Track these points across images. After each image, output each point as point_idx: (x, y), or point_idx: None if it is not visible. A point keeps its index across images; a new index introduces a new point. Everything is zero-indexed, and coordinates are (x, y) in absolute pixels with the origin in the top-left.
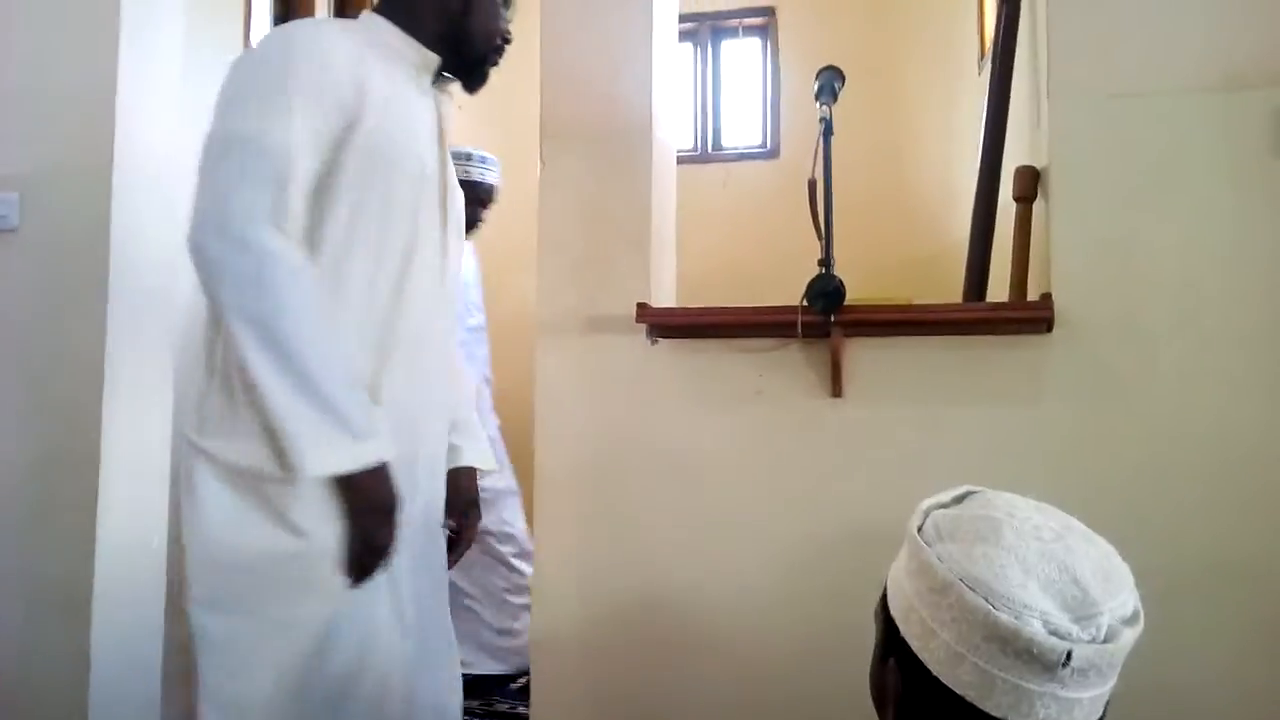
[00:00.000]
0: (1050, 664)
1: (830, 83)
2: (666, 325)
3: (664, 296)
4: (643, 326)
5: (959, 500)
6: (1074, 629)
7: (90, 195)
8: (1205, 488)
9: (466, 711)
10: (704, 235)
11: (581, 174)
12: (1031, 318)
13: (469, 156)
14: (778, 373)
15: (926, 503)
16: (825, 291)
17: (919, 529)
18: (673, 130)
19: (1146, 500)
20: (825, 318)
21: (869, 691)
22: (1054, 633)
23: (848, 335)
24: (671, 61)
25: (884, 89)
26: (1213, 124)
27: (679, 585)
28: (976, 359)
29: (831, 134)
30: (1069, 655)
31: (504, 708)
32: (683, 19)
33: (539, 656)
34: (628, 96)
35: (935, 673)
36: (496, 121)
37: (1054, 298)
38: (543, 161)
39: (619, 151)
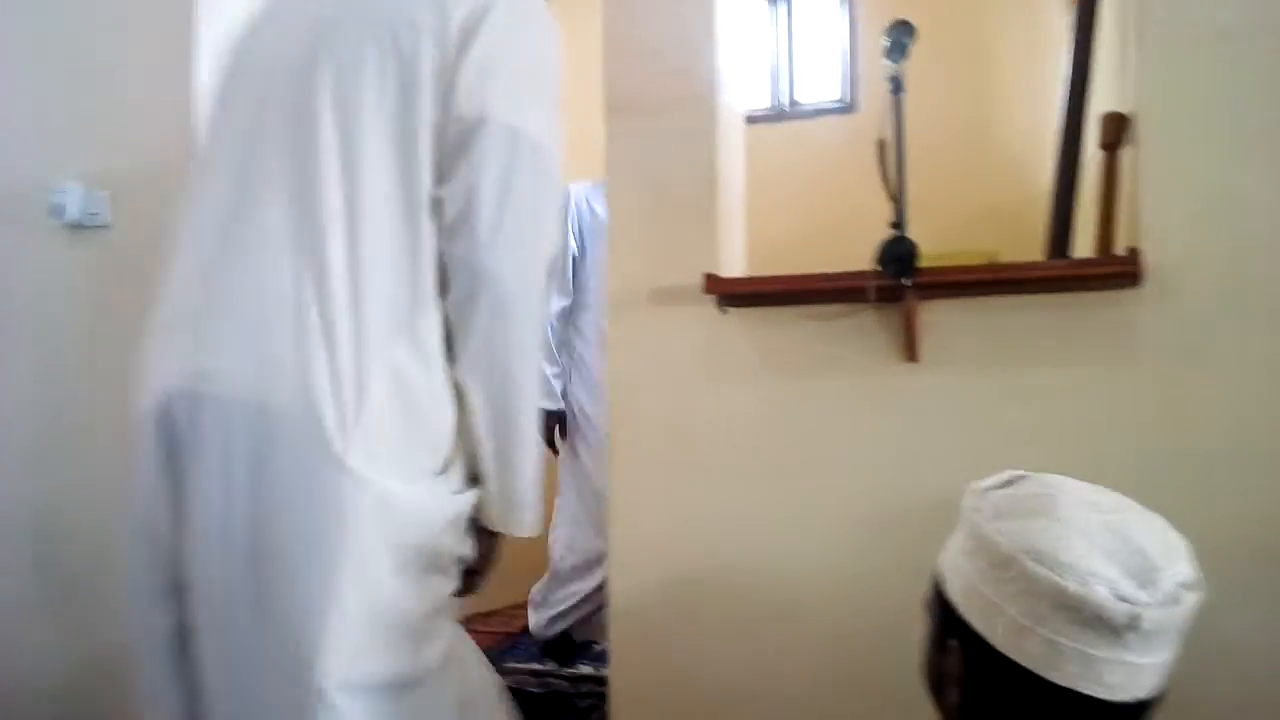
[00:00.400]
0: (1118, 628)
1: (900, 39)
2: (736, 294)
3: (733, 265)
4: (712, 297)
5: (1009, 483)
6: (1140, 594)
7: (176, 192)
8: None
9: (546, 674)
10: (782, 195)
11: (646, 146)
12: (1118, 273)
13: None
14: (851, 339)
15: (977, 485)
16: (897, 255)
17: (974, 510)
18: (739, 95)
19: (1245, 466)
20: (898, 281)
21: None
22: (1121, 598)
23: (922, 298)
24: (739, 23)
25: (965, 34)
26: None
27: (754, 555)
28: (1060, 318)
29: (902, 92)
30: (1137, 619)
31: (587, 670)
32: None
33: (617, 625)
34: (691, 63)
35: (1001, 649)
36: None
37: (1143, 251)
38: (608, 136)
39: (683, 120)
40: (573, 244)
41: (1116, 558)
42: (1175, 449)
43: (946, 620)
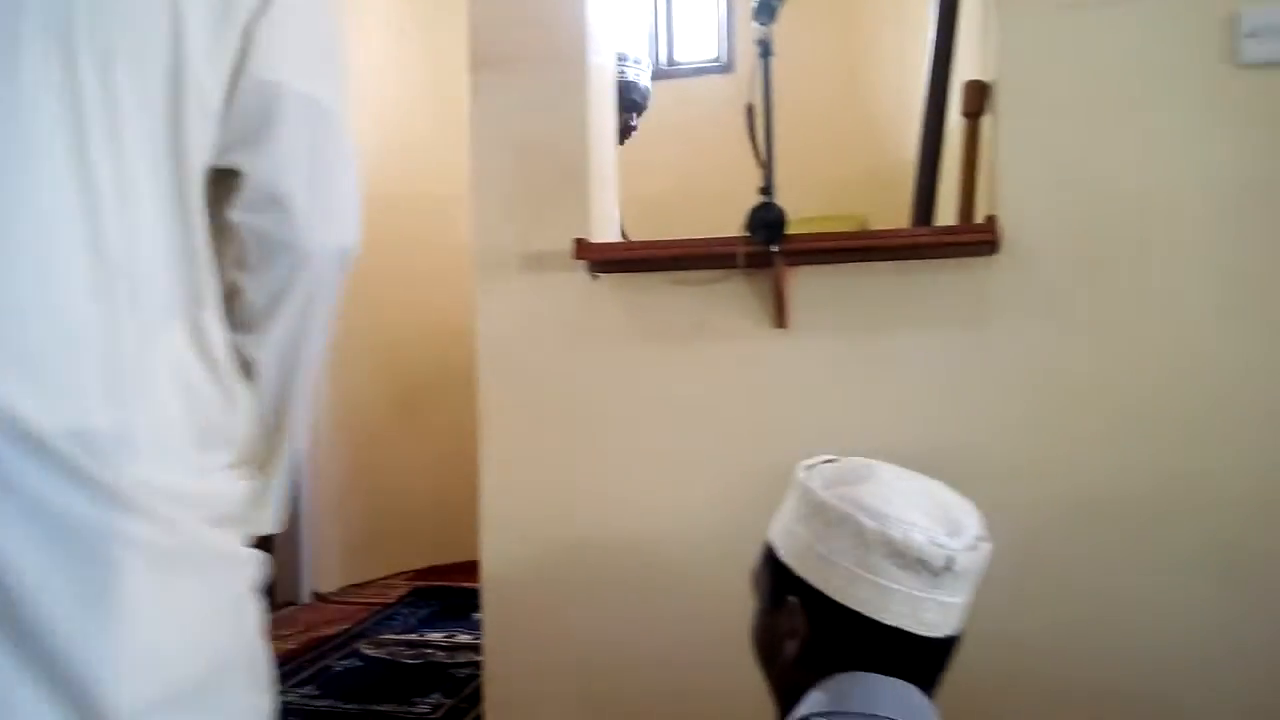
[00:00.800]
0: (936, 570)
1: (768, 0)
2: (607, 261)
3: (606, 229)
4: (583, 263)
5: (828, 461)
6: (951, 541)
7: None
8: (1152, 408)
9: (427, 645)
10: (660, 154)
11: (513, 105)
12: (976, 241)
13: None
14: (722, 305)
15: (803, 464)
16: (766, 222)
17: (807, 480)
18: (612, 53)
19: (1092, 421)
20: (767, 248)
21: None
22: (937, 544)
23: (791, 264)
24: None
25: None
26: (1165, 33)
27: (627, 520)
28: (922, 284)
29: (770, 55)
30: (952, 560)
31: (467, 639)
32: None
33: (491, 592)
34: (560, 20)
35: (837, 598)
36: (424, 54)
37: (1000, 219)
38: (473, 93)
39: (552, 79)
40: None
41: (930, 513)
42: (1030, 405)
43: (782, 582)
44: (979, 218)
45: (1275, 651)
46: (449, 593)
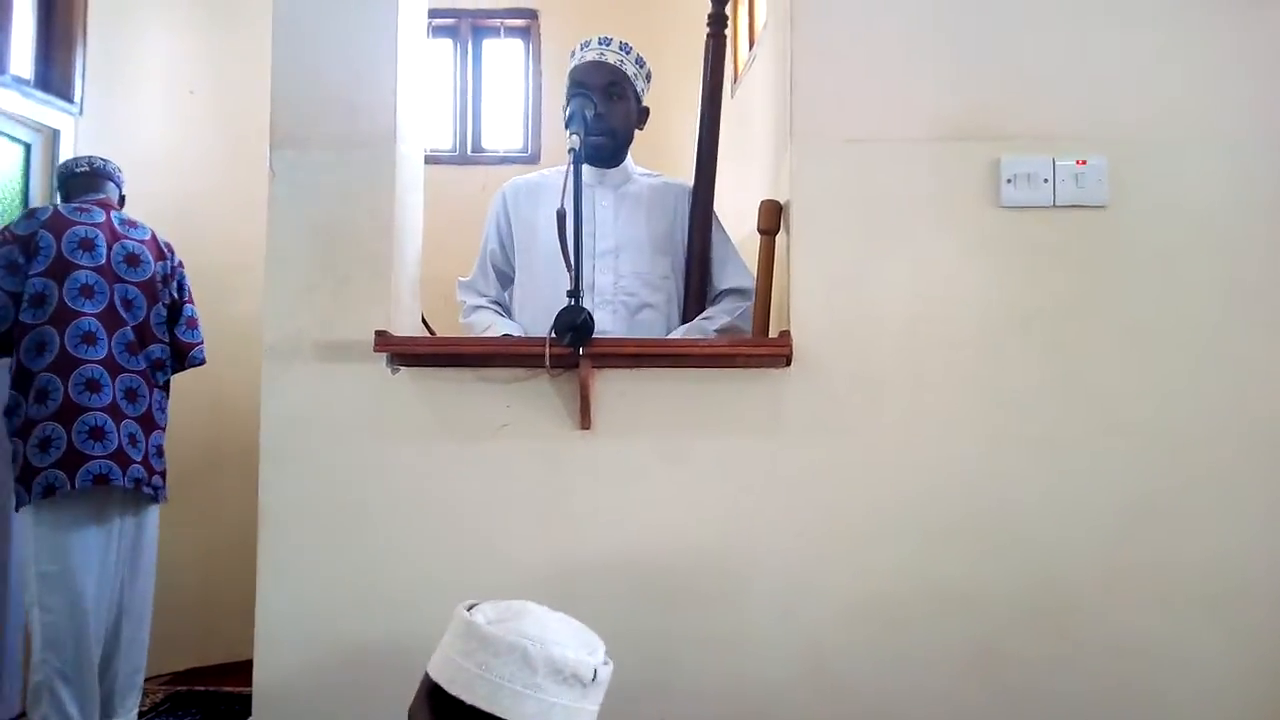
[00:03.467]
0: (586, 682)
1: (581, 110)
2: (409, 355)
3: (407, 321)
4: (382, 355)
5: (476, 604)
6: (591, 658)
7: None
8: (922, 518)
9: None
10: (462, 239)
11: (316, 188)
12: (772, 354)
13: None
14: (526, 404)
15: (463, 606)
16: (573, 325)
17: (472, 619)
18: (420, 142)
19: (871, 529)
20: (573, 350)
21: None
22: (583, 661)
23: (596, 367)
24: (420, 65)
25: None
26: (938, 172)
27: (420, 628)
28: (721, 392)
29: (581, 162)
30: (596, 672)
31: None
32: (442, 14)
33: (263, 710)
34: (369, 103)
35: (505, 717)
36: (215, 113)
37: (792, 333)
38: (272, 172)
39: (358, 165)
40: None
41: (575, 636)
42: (815, 513)
43: (450, 714)
44: (774, 330)
45: None
46: (213, 699)
